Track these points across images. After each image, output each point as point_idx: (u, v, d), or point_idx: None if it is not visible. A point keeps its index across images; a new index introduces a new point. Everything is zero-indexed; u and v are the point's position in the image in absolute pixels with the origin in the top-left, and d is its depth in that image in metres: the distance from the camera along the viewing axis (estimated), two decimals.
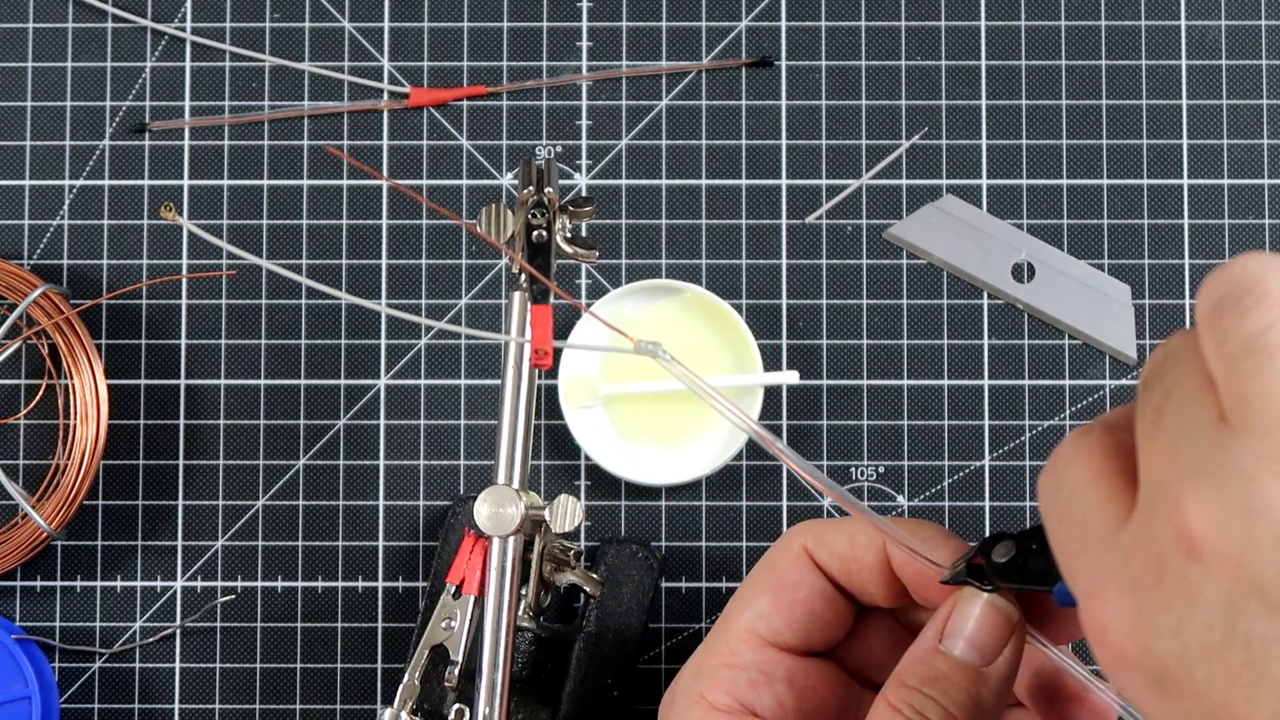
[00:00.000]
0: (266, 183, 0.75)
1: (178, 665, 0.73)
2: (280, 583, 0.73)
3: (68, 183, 0.75)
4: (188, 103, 0.76)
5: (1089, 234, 0.74)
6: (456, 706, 0.59)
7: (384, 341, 0.74)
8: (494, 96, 0.76)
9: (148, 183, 0.75)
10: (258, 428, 0.74)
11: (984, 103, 0.75)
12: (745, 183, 0.75)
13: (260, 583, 0.73)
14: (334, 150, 0.75)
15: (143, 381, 0.74)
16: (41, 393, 0.74)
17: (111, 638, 0.73)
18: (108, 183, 0.75)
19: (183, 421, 0.74)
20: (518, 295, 0.59)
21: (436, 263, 0.75)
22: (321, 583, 0.73)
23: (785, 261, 0.74)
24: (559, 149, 0.75)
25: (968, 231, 0.74)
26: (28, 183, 0.75)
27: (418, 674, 0.60)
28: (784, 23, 0.76)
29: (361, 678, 0.73)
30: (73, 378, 0.72)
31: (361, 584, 0.73)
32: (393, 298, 0.74)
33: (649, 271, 0.75)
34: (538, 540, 0.59)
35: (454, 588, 0.60)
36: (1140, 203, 0.75)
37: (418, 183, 0.75)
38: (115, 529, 0.74)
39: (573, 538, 0.67)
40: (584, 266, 0.74)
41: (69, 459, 0.72)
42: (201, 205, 0.75)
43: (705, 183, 0.75)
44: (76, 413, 0.72)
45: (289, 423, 0.74)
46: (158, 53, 0.76)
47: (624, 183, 0.75)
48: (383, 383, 0.74)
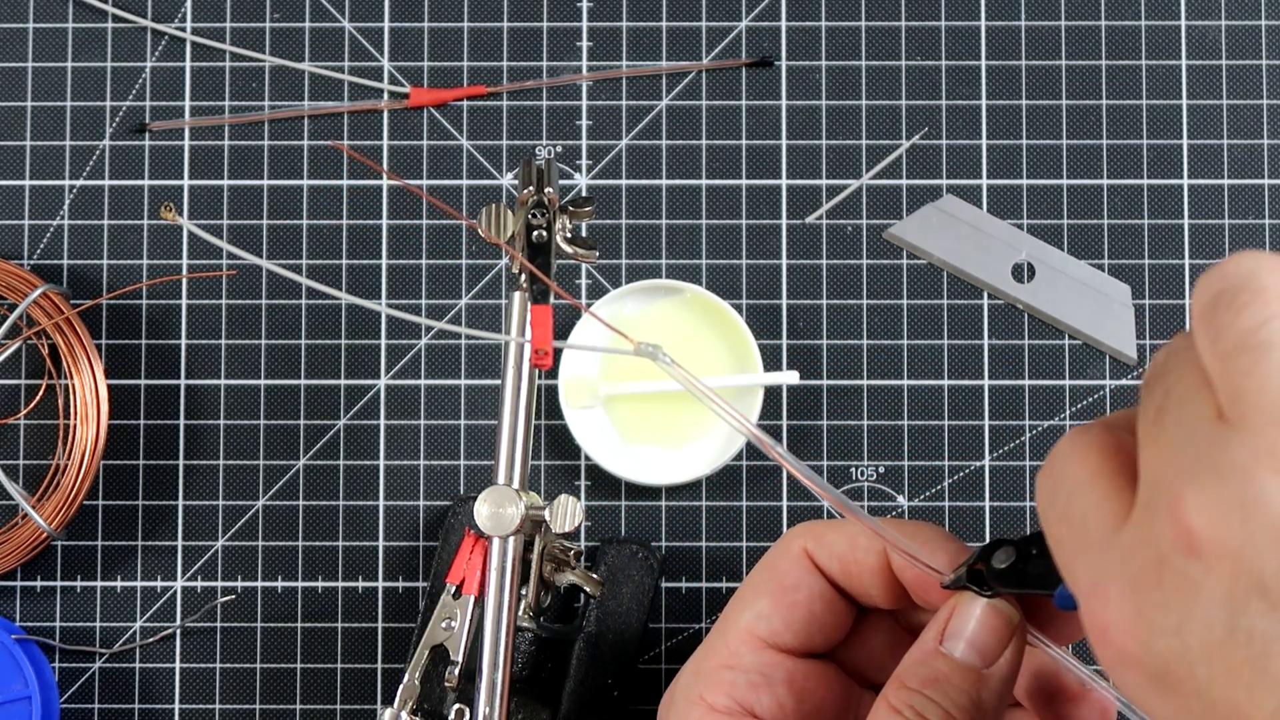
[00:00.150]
0: (266, 183, 0.75)
1: (178, 665, 0.73)
2: (280, 583, 0.73)
3: (68, 183, 0.75)
4: (188, 103, 0.76)
5: (1089, 234, 0.74)
6: (456, 706, 0.59)
7: (384, 341, 0.74)
8: (494, 96, 0.75)
9: (148, 183, 0.75)
10: (258, 428, 0.74)
11: (984, 103, 0.75)
12: (745, 183, 0.75)
13: (260, 583, 0.73)
14: (337, 144, 0.75)
15: (143, 381, 0.74)
16: (41, 393, 0.74)
17: (111, 638, 0.73)
18: (108, 183, 0.75)
19: (183, 421, 0.74)
20: (518, 295, 0.58)
21: (436, 263, 0.75)
22: (321, 583, 0.73)
23: (785, 261, 0.74)
24: (559, 149, 0.75)
25: (968, 231, 0.74)
26: (28, 183, 0.75)
27: (418, 674, 0.60)
28: (784, 23, 0.76)
29: (361, 678, 0.73)
30: (73, 378, 0.72)
31: (361, 584, 0.73)
32: (393, 298, 0.74)
33: (649, 271, 0.75)
34: (538, 540, 0.59)
35: (454, 588, 0.60)
36: (1140, 203, 0.75)
37: (418, 183, 0.75)
38: (115, 529, 0.74)
39: (573, 538, 0.67)
40: (584, 266, 0.74)
41: (69, 459, 0.72)
42: (201, 205, 0.75)
43: (705, 183, 0.75)
44: (76, 413, 0.72)
45: (289, 423, 0.74)
46: (158, 53, 0.76)
47: (624, 183, 0.75)
48: (383, 383, 0.74)
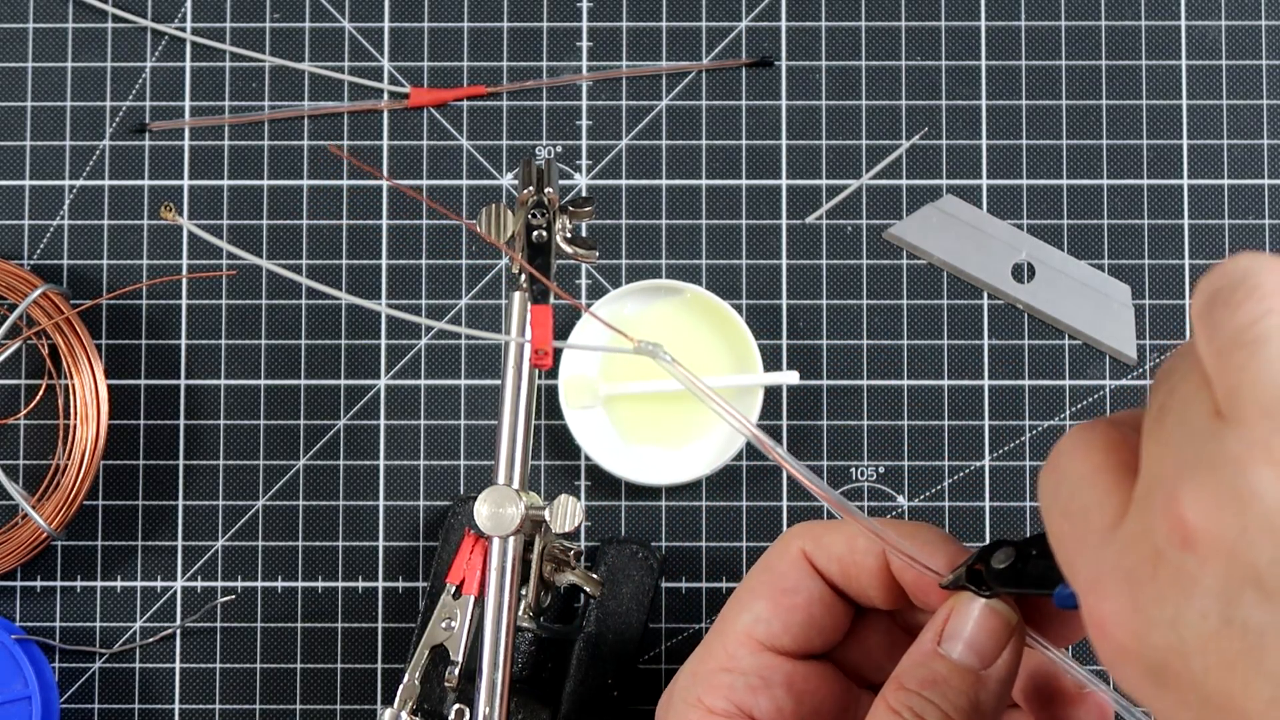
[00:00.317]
0: (266, 183, 0.75)
1: (178, 665, 0.73)
2: (280, 583, 0.73)
3: (68, 183, 0.75)
4: (188, 103, 0.76)
5: (1089, 234, 0.74)
6: (456, 706, 0.59)
7: (384, 341, 0.74)
8: (494, 96, 0.75)
9: (148, 183, 0.75)
10: (258, 428, 0.74)
11: (984, 103, 0.75)
12: (745, 183, 0.75)
13: (260, 583, 0.73)
14: (335, 149, 0.75)
15: (143, 381, 0.74)
16: (41, 393, 0.74)
17: (111, 638, 0.73)
18: (108, 183, 0.75)
19: (183, 421, 0.74)
20: (518, 295, 0.58)
21: (436, 263, 0.75)
22: (321, 583, 0.73)
23: (785, 261, 0.74)
24: (559, 149, 0.75)
25: (968, 231, 0.74)
26: (28, 183, 0.75)
27: (418, 674, 0.60)
28: (784, 23, 0.76)
29: (361, 678, 0.73)
30: (73, 378, 0.72)
31: (361, 584, 0.73)
32: (393, 298, 0.74)
33: (649, 271, 0.75)
34: (538, 540, 0.59)
35: (454, 588, 0.60)
36: (1140, 203, 0.74)
37: (418, 183, 0.75)
38: (115, 529, 0.74)
39: (573, 538, 0.67)
40: (584, 266, 0.74)
41: (69, 459, 0.72)
42: (201, 205, 0.75)
43: (705, 183, 0.75)
44: (76, 413, 0.72)
45: (289, 423, 0.74)
46: (158, 53, 0.76)
47: (624, 183, 0.75)
48: (383, 383, 0.74)
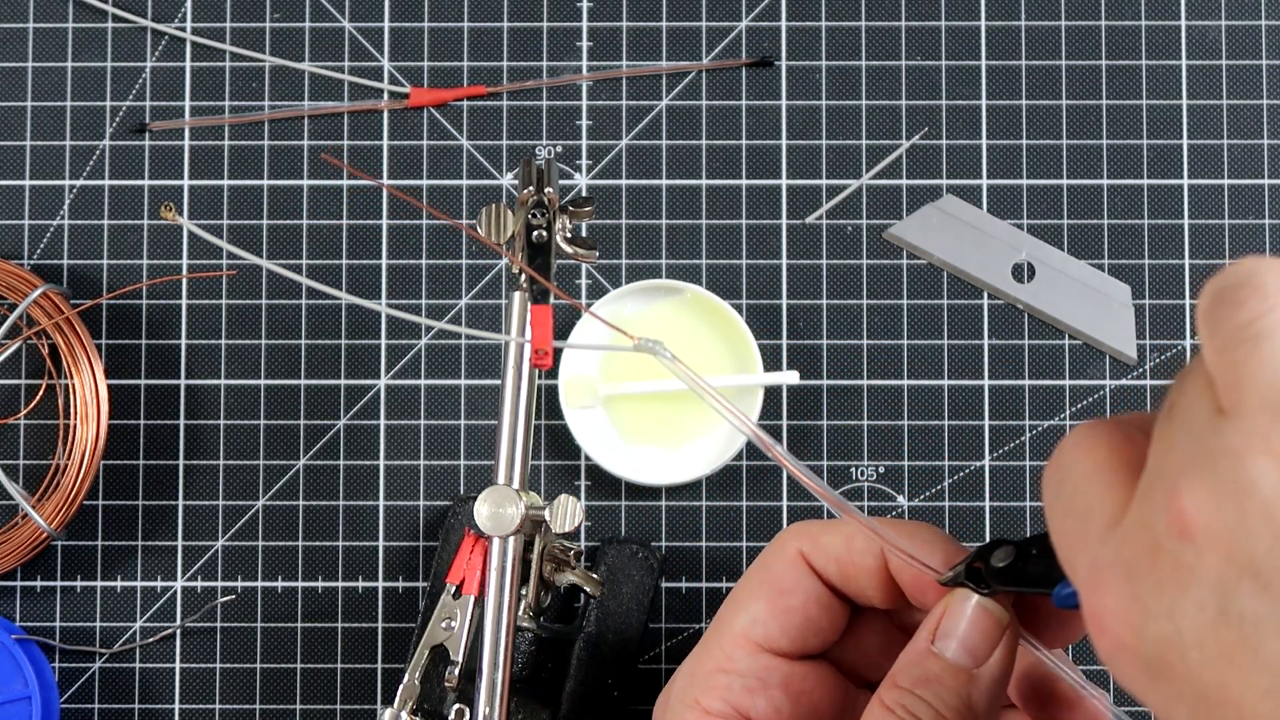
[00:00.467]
0: (266, 183, 0.75)
1: (178, 665, 0.73)
2: (280, 583, 0.73)
3: (68, 183, 0.75)
4: (188, 103, 0.76)
5: (1089, 234, 0.74)
6: (456, 706, 0.59)
7: (384, 341, 0.74)
8: (494, 96, 0.75)
9: (148, 183, 0.75)
10: (258, 428, 0.74)
11: (984, 103, 0.75)
12: (745, 183, 0.75)
13: (260, 583, 0.73)
14: (335, 161, 0.75)
15: (143, 381, 0.74)
16: (41, 393, 0.74)
17: (111, 638, 0.73)
18: (108, 183, 0.75)
19: (183, 421, 0.74)
20: (518, 295, 0.58)
21: (436, 263, 0.75)
22: (321, 583, 0.73)
23: (785, 261, 0.74)
24: (559, 149, 0.75)
25: (968, 231, 0.74)
26: (28, 183, 0.75)
27: (418, 674, 0.60)
28: (784, 23, 0.76)
29: (361, 678, 0.73)
30: (73, 378, 0.72)
31: (361, 584, 0.73)
32: (393, 298, 0.74)
33: (649, 271, 0.75)
34: (538, 540, 0.59)
35: (454, 588, 0.60)
36: (1140, 203, 0.75)
37: (418, 183, 0.75)
38: (115, 529, 0.74)
39: (573, 538, 0.67)
40: (584, 266, 0.74)
41: (69, 459, 0.72)
42: (201, 205, 0.75)
43: (705, 183, 0.75)
44: (76, 413, 0.72)
45: (289, 423, 0.74)
46: (158, 53, 0.76)
47: (624, 183, 0.75)
48: (383, 383, 0.74)
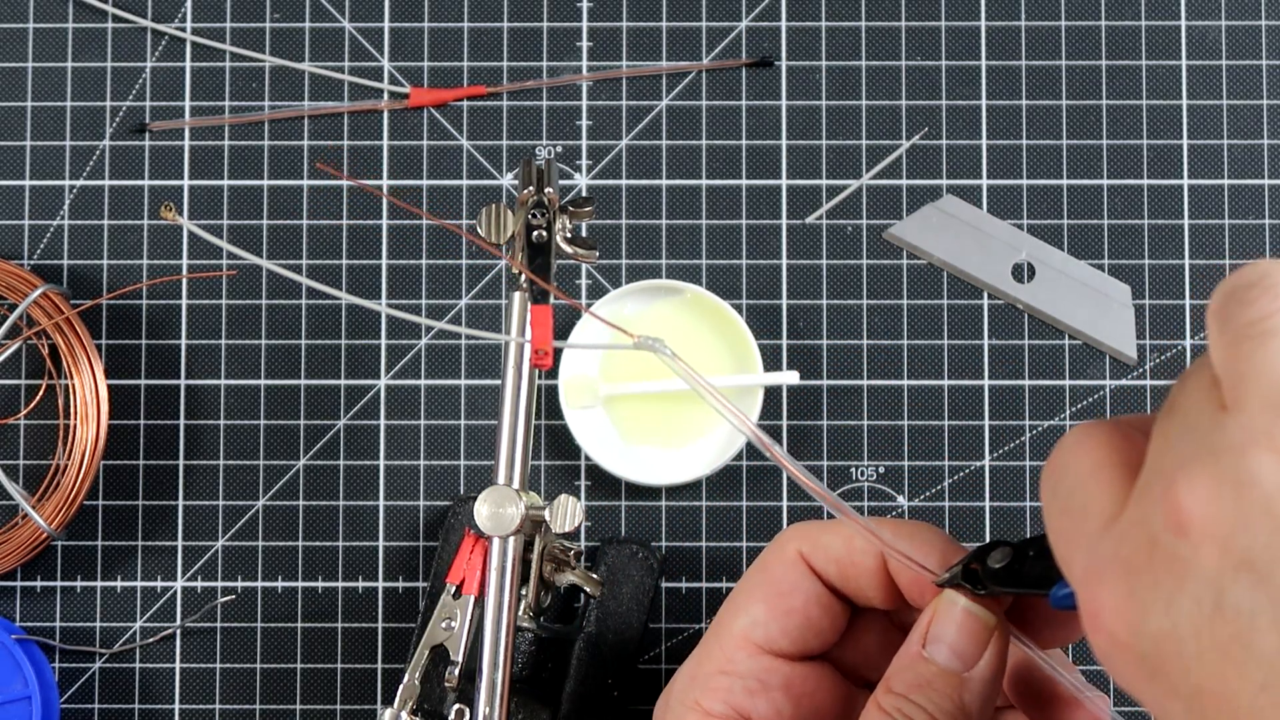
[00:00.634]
0: (266, 183, 0.75)
1: (178, 665, 0.73)
2: (280, 583, 0.73)
3: (68, 183, 0.75)
4: (188, 103, 0.76)
5: (1089, 234, 0.74)
6: (456, 706, 0.59)
7: (384, 341, 0.74)
8: (494, 96, 0.76)
9: (148, 183, 0.75)
10: (258, 428, 0.74)
11: (984, 103, 0.75)
12: (745, 183, 0.75)
13: (260, 583, 0.73)
14: (328, 169, 0.75)
15: (143, 381, 0.74)
16: (41, 393, 0.74)
17: (111, 638, 0.73)
18: (108, 183, 0.75)
19: (183, 421, 0.74)
20: (518, 295, 0.58)
21: (436, 263, 0.75)
22: (321, 583, 0.73)
23: (785, 261, 0.74)
24: (559, 149, 0.75)
25: (968, 231, 0.74)
26: (28, 183, 0.75)
27: (418, 674, 0.60)
28: (784, 23, 0.76)
29: (361, 678, 0.73)
30: (73, 378, 0.72)
31: (361, 584, 0.73)
32: (393, 298, 0.74)
33: (649, 271, 0.75)
34: (538, 540, 0.59)
35: (454, 588, 0.60)
36: (1140, 203, 0.75)
37: (418, 183, 0.75)
38: (115, 529, 0.74)
39: (573, 538, 0.67)
40: (584, 266, 0.74)
41: (69, 459, 0.72)
42: (201, 205, 0.75)
43: (705, 183, 0.75)
44: (76, 413, 0.72)
45: (289, 423, 0.74)
46: (158, 53, 0.76)
47: (624, 183, 0.75)
48: (383, 383, 0.74)
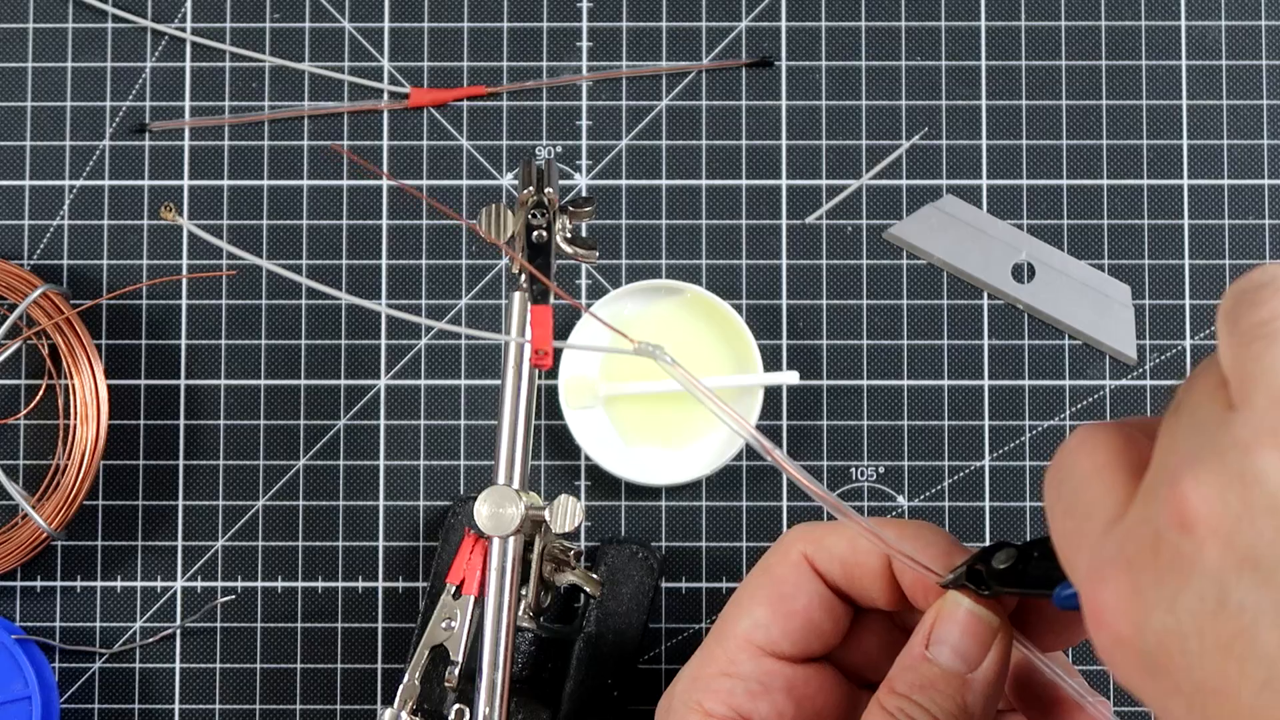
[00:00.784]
0: (266, 183, 0.75)
1: (178, 665, 0.73)
2: (280, 583, 0.73)
3: (68, 183, 0.75)
4: (188, 103, 0.76)
5: (1089, 234, 0.74)
6: (456, 707, 0.59)
7: (384, 342, 0.74)
8: (494, 96, 0.76)
9: (148, 183, 0.75)
10: (258, 428, 0.74)
11: (984, 103, 0.75)
12: (745, 183, 0.75)
13: (260, 583, 0.73)
14: (336, 148, 0.75)
15: (143, 381, 0.74)
16: (41, 393, 0.74)
17: (111, 638, 0.73)
18: (108, 183, 0.75)
19: (183, 421, 0.74)
20: (518, 295, 0.58)
21: (436, 263, 0.75)
22: (321, 583, 0.73)
23: (785, 261, 0.74)
24: (559, 149, 0.75)
25: (968, 231, 0.74)
26: (28, 183, 0.75)
27: (418, 674, 0.60)
28: (784, 23, 0.76)
29: (361, 678, 0.73)
30: (73, 378, 0.72)
31: (361, 584, 0.73)
32: (393, 298, 0.74)
33: (649, 271, 0.75)
34: (538, 540, 0.59)
35: (454, 588, 0.60)
36: (1140, 203, 0.75)
37: (418, 183, 0.75)
38: (115, 529, 0.74)
39: (573, 538, 0.67)
40: (584, 266, 0.74)
41: (69, 459, 0.72)
42: (201, 205, 0.75)
43: (705, 183, 0.75)
44: (76, 413, 0.72)
45: (289, 423, 0.74)
46: (158, 53, 0.76)
47: (624, 183, 0.75)
48: (383, 383, 0.74)
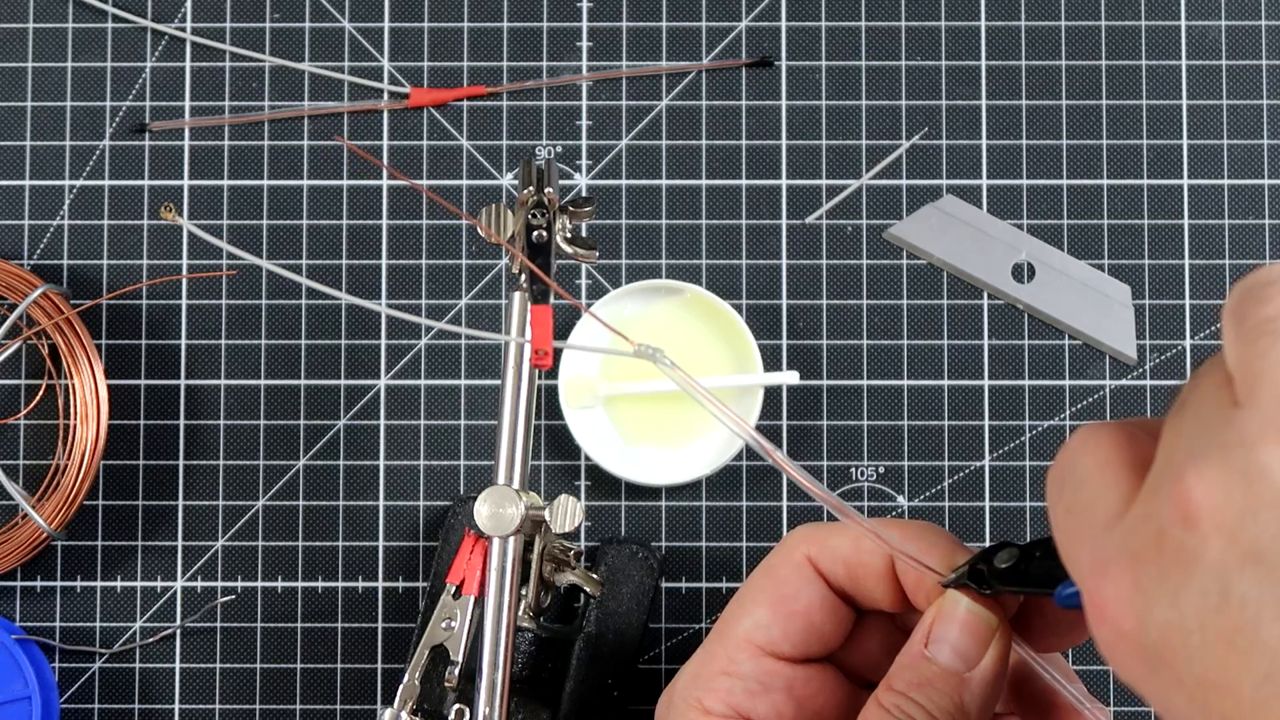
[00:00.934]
0: (266, 183, 0.75)
1: (178, 665, 0.73)
2: (280, 583, 0.73)
3: (68, 183, 0.75)
4: (188, 103, 0.76)
5: (1089, 234, 0.74)
6: (456, 707, 0.59)
7: (384, 342, 0.74)
8: (494, 96, 0.76)
9: (148, 183, 0.75)
10: (258, 428, 0.74)
11: (984, 103, 0.75)
12: (745, 183, 0.75)
13: (260, 583, 0.73)
14: (337, 138, 0.75)
15: (143, 381, 0.74)
16: (41, 393, 0.74)
17: (111, 638, 0.73)
18: (108, 183, 0.75)
19: (183, 421, 0.74)
20: (518, 295, 0.58)
21: (436, 263, 0.75)
22: (321, 583, 0.73)
23: (785, 261, 0.74)
24: (559, 149, 0.75)
25: (968, 231, 0.74)
26: (28, 183, 0.75)
27: (418, 674, 0.60)
28: (784, 23, 0.76)
29: (361, 678, 0.73)
30: (73, 378, 0.72)
31: (361, 584, 0.73)
32: (393, 298, 0.74)
33: (649, 271, 0.75)
34: (538, 540, 0.59)
35: (454, 588, 0.60)
36: (1140, 203, 0.75)
37: (418, 183, 0.75)
38: (115, 529, 0.74)
39: (573, 538, 0.67)
40: (584, 266, 0.74)
41: (69, 459, 0.72)
42: (201, 205, 0.75)
43: (705, 183, 0.75)
44: (76, 413, 0.72)
45: (289, 423, 0.74)
46: (158, 53, 0.76)
47: (624, 183, 0.75)
48: (383, 383, 0.74)
